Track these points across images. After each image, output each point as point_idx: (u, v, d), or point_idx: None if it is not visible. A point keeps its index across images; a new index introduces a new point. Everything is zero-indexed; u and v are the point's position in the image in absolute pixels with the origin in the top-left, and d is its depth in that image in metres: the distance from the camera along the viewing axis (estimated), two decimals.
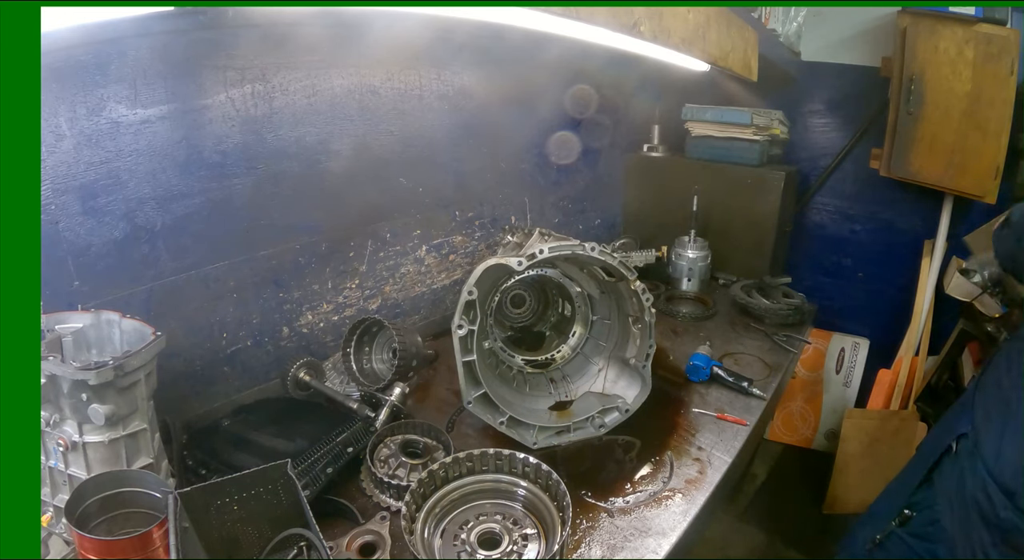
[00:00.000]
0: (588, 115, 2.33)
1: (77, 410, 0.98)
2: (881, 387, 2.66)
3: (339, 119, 1.59)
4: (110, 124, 1.20)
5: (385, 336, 1.66)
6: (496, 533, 1.11)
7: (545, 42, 1.45)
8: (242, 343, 1.53)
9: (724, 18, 1.74)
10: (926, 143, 2.28)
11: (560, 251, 1.29)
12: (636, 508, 1.25)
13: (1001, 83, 2.13)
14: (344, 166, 1.61)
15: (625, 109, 2.57)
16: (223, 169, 1.40)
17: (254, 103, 1.41)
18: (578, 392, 1.56)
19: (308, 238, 1.61)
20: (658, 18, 1.35)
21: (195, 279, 1.40)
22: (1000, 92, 2.13)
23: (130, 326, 1.13)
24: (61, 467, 1.02)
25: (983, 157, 2.20)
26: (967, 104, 2.18)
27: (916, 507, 1.44)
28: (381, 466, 1.25)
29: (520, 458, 1.17)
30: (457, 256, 2.07)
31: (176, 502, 0.89)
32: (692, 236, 2.34)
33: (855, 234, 2.79)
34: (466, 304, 1.29)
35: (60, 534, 1.02)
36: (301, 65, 1.47)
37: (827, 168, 2.73)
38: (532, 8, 1.04)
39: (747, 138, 2.43)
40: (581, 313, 1.67)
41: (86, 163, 1.18)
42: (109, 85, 1.18)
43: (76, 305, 1.17)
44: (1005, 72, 2.11)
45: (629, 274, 1.36)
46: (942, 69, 2.19)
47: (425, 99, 1.79)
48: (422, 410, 1.58)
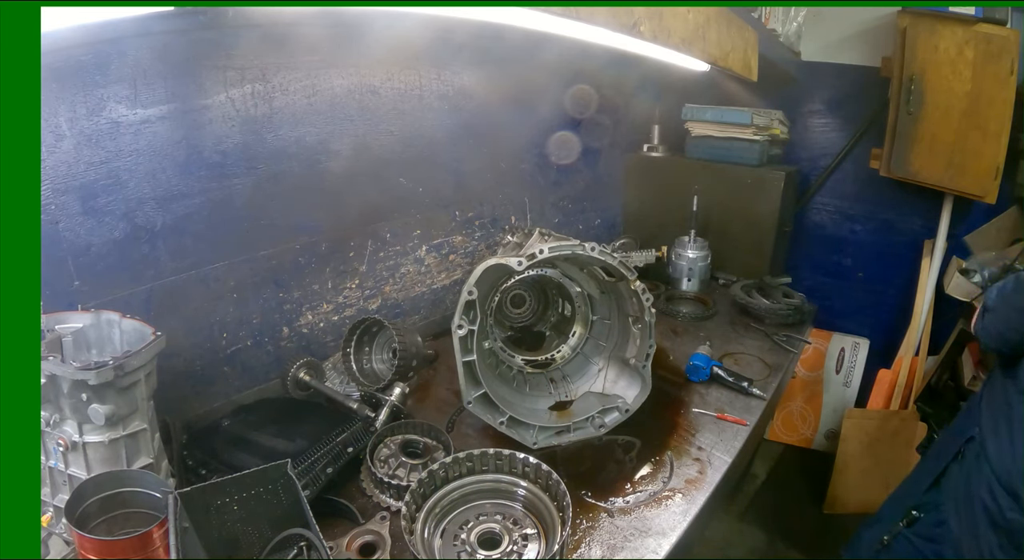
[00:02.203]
0: (588, 115, 2.33)
1: (77, 410, 0.98)
2: (881, 387, 2.66)
3: (339, 119, 1.59)
4: (110, 124, 1.20)
5: (385, 336, 1.66)
6: (496, 533, 1.11)
7: (545, 42, 1.45)
8: (242, 343, 1.53)
9: (724, 18, 1.74)
10: (926, 143, 2.28)
11: (560, 251, 1.29)
12: (636, 508, 1.25)
13: (1001, 83, 2.13)
14: (344, 166, 1.61)
15: (625, 109, 2.56)
16: (223, 169, 1.40)
17: (254, 103, 1.41)
18: (578, 392, 1.56)
19: (308, 238, 1.61)
20: (658, 18, 1.35)
21: (195, 279, 1.40)
22: (1000, 92, 2.13)
23: (130, 326, 1.13)
24: (61, 467, 1.02)
25: (983, 157, 2.20)
26: (967, 104, 2.18)
27: (923, 509, 1.44)
28: (381, 466, 1.25)
29: (520, 458, 1.17)
30: (457, 256, 2.07)
31: (176, 502, 0.89)
32: (692, 236, 2.34)
33: (855, 234, 2.79)
34: (466, 304, 1.29)
35: (60, 534, 1.02)
36: (301, 65, 1.47)
37: (827, 168, 2.73)
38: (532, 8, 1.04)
39: (747, 138, 2.43)
40: (581, 313, 1.67)
41: (86, 163, 1.18)
42: (109, 85, 1.18)
43: (76, 305, 1.17)
44: (1005, 72, 2.11)
45: (629, 274, 1.36)
46: (942, 69, 2.19)
47: (425, 99, 1.79)
48: (422, 410, 1.58)
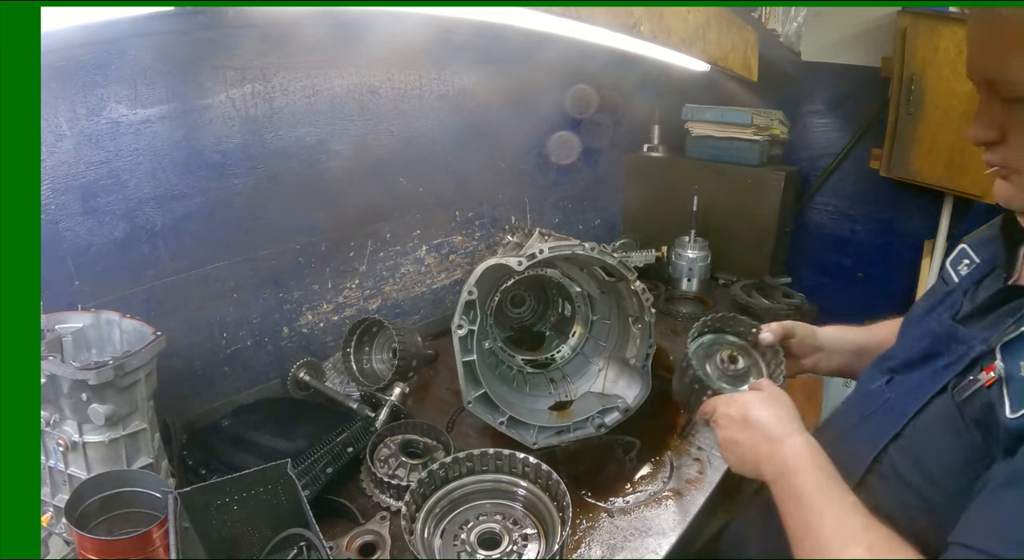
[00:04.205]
0: (588, 115, 2.32)
1: (77, 410, 0.98)
2: None
3: (339, 119, 1.59)
4: (110, 124, 1.20)
5: (385, 336, 1.66)
6: (496, 533, 1.11)
7: (545, 42, 1.45)
8: (242, 343, 1.53)
9: (724, 18, 1.74)
10: (926, 143, 2.27)
11: (560, 251, 1.29)
12: (636, 508, 1.25)
13: None
14: (344, 166, 1.61)
15: (625, 109, 2.56)
16: (223, 169, 1.40)
17: (254, 103, 1.41)
18: (578, 392, 1.56)
19: (308, 238, 1.61)
20: (658, 18, 1.35)
21: (195, 279, 1.40)
22: None
23: (130, 326, 1.13)
24: (61, 467, 1.02)
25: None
26: (967, 104, 2.18)
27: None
28: (381, 466, 1.25)
29: (520, 458, 1.17)
30: (457, 256, 2.07)
31: (176, 502, 0.89)
32: (692, 236, 2.34)
33: (855, 234, 2.79)
34: (466, 304, 1.29)
35: (60, 534, 1.02)
36: (301, 65, 1.47)
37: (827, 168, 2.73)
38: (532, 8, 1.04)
39: (747, 138, 2.42)
40: (581, 313, 1.67)
41: (86, 163, 1.18)
42: (109, 85, 1.18)
43: (76, 305, 1.17)
44: None
45: (629, 274, 1.36)
46: (942, 69, 2.18)
47: (425, 99, 1.79)
48: (422, 410, 1.58)
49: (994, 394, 0.67)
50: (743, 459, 0.90)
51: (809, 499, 0.74)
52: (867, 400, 0.92)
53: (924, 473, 0.74)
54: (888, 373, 0.92)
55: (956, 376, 0.74)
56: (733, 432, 0.92)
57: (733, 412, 0.93)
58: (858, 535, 0.67)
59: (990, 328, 0.75)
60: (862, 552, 0.65)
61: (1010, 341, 0.68)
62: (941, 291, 0.93)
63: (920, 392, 0.79)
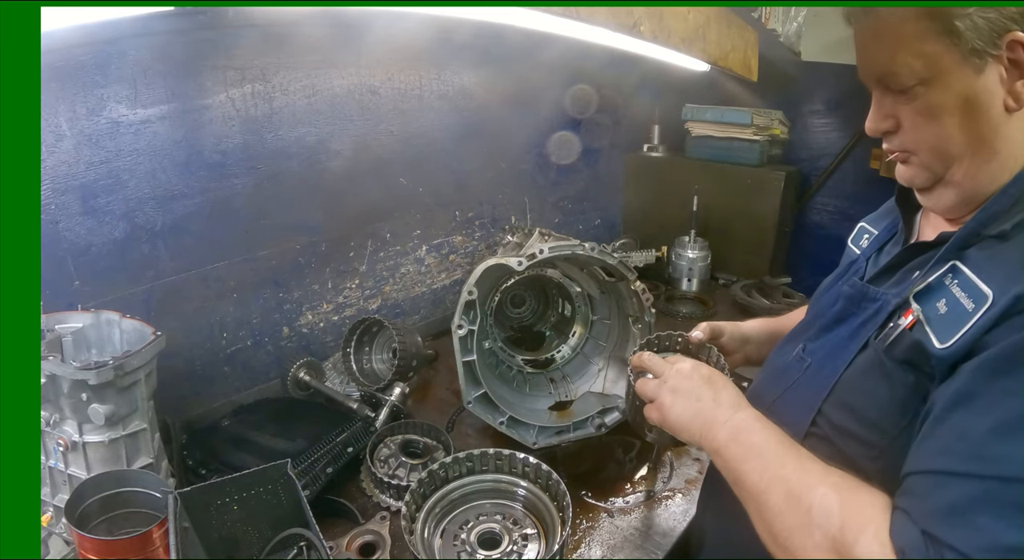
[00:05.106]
0: (588, 115, 2.33)
1: (77, 410, 0.98)
2: None
3: (339, 119, 1.59)
4: (110, 124, 1.20)
5: (385, 336, 1.66)
6: (496, 533, 1.11)
7: (545, 42, 1.45)
8: (242, 343, 1.53)
9: (724, 18, 1.74)
10: None
11: (560, 251, 1.29)
12: (636, 508, 1.25)
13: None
14: (344, 166, 1.61)
15: (625, 109, 2.56)
16: (223, 169, 1.40)
17: (254, 103, 1.41)
18: (578, 392, 1.56)
19: (308, 238, 1.61)
20: (658, 18, 1.35)
21: (195, 279, 1.40)
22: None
23: (130, 326, 1.13)
24: (61, 467, 1.02)
25: None
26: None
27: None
28: (381, 466, 1.25)
29: (520, 458, 1.17)
30: (457, 256, 2.07)
31: (176, 502, 0.89)
32: (692, 236, 2.34)
33: None
34: (466, 304, 1.29)
35: (60, 534, 1.02)
36: (301, 65, 1.47)
37: (827, 168, 2.73)
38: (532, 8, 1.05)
39: (747, 138, 2.42)
40: (581, 313, 1.67)
41: (86, 163, 1.18)
42: (109, 85, 1.18)
43: (76, 305, 1.17)
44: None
45: (629, 274, 1.36)
46: None
47: (425, 99, 1.79)
48: (422, 410, 1.58)
49: (917, 333, 0.70)
50: (698, 412, 0.86)
51: (770, 453, 0.76)
52: (788, 371, 0.93)
53: (863, 420, 0.76)
54: (803, 342, 0.94)
55: (876, 329, 0.78)
56: (684, 382, 0.90)
57: (685, 366, 0.93)
58: (821, 476, 0.70)
59: (897, 284, 0.81)
60: (828, 490, 0.67)
61: (921, 290, 0.73)
62: (845, 264, 1.00)
63: (843, 350, 0.81)
